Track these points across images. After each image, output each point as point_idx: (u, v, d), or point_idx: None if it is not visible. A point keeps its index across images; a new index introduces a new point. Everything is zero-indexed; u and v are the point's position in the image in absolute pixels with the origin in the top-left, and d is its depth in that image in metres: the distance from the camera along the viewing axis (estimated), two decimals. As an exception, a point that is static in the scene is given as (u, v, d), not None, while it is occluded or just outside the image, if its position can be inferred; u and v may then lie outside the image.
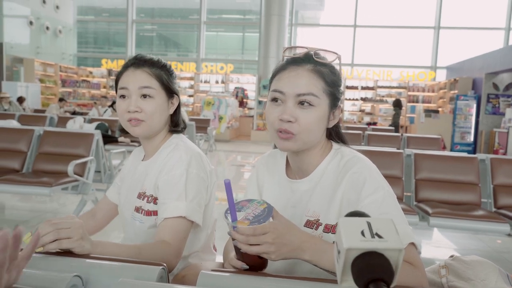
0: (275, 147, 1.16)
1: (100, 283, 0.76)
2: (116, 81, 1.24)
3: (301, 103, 0.96)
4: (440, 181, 3.27)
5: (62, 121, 6.39)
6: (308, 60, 1.00)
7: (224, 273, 0.82)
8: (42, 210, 4.29)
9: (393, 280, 0.48)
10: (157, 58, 1.25)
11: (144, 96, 1.19)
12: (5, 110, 8.74)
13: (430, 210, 2.92)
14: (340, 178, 0.98)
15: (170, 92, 1.25)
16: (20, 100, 10.08)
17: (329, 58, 1.02)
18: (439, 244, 3.87)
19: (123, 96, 1.20)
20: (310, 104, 0.96)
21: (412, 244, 0.90)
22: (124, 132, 1.30)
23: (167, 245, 1.07)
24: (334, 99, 1.01)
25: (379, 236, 0.52)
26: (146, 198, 1.22)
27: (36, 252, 0.83)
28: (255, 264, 0.87)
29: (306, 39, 16.10)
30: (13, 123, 5.29)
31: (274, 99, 0.99)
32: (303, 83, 0.96)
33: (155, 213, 1.19)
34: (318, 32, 16.57)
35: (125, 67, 1.23)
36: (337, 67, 1.03)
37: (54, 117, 6.64)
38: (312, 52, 1.00)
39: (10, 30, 13.04)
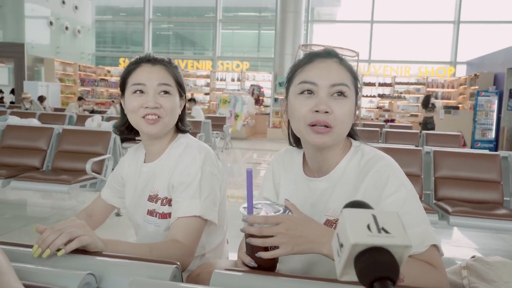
0: (290, 144, 1.14)
1: (113, 281, 0.76)
2: (125, 78, 1.20)
3: (335, 93, 0.93)
4: (461, 179, 3.19)
5: (81, 119, 6.49)
6: (334, 54, 0.98)
7: (238, 272, 0.81)
8: (61, 207, 4.37)
9: (398, 278, 0.46)
10: (168, 58, 1.24)
11: (162, 92, 1.17)
12: (27, 109, 8.94)
13: (450, 209, 2.86)
14: (362, 177, 0.95)
15: (182, 91, 1.25)
16: (41, 99, 10.29)
17: (348, 55, 1.00)
18: (459, 243, 3.78)
19: (138, 92, 1.16)
20: (343, 95, 0.94)
21: (434, 246, 0.87)
22: (123, 133, 1.26)
23: (179, 244, 1.05)
24: (357, 94, 1.00)
25: (386, 231, 0.49)
26: (159, 201, 1.20)
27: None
28: (265, 265, 0.85)
29: (322, 36, 15.97)
30: (34, 122, 5.39)
31: (305, 91, 0.94)
32: (335, 73, 0.94)
33: (170, 215, 1.17)
34: (335, 28, 16.41)
35: (137, 64, 1.19)
36: (355, 64, 1.01)
37: (73, 116, 6.76)
38: (331, 49, 0.99)
39: (31, 31, 13.34)
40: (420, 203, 0.92)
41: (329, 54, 0.98)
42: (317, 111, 0.92)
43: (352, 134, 1.05)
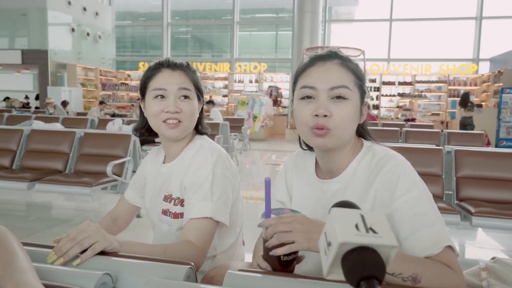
0: (301, 147, 1.14)
1: (129, 281, 0.77)
2: (146, 83, 1.23)
3: (335, 97, 0.93)
4: (484, 179, 3.11)
5: (102, 123, 6.63)
6: (335, 55, 0.98)
7: (251, 273, 0.81)
8: (84, 209, 4.47)
9: (384, 278, 0.47)
10: (187, 62, 1.26)
11: (183, 97, 1.20)
12: (51, 114, 9.19)
13: (472, 209, 2.79)
14: (373, 177, 0.95)
15: (200, 95, 1.27)
16: (64, 104, 10.55)
17: (353, 54, 0.99)
18: (483, 245, 3.69)
19: (159, 97, 1.20)
20: (343, 98, 0.93)
21: (449, 247, 0.85)
22: (143, 135, 1.30)
23: (192, 245, 1.07)
24: (363, 93, 0.98)
25: (373, 231, 0.50)
26: (173, 201, 1.23)
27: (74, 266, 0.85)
28: (282, 269, 0.85)
29: (340, 36, 15.85)
30: (58, 126, 5.53)
31: (305, 97, 0.96)
32: (335, 76, 0.94)
33: (182, 215, 1.19)
34: (353, 27, 16.27)
35: (157, 69, 1.22)
36: (362, 63, 1.00)
37: (95, 120, 6.91)
38: (336, 50, 0.99)
39: (54, 38, 13.71)
40: (434, 203, 0.90)
41: (330, 56, 0.98)
42: (317, 115, 0.93)
43: (363, 134, 1.04)
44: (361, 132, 1.04)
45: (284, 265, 0.85)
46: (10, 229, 0.80)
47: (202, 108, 1.32)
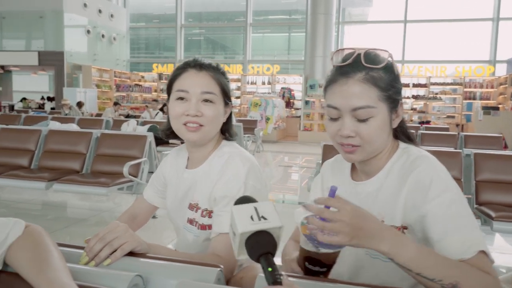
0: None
1: (160, 283, 0.77)
2: (171, 83, 1.19)
3: (359, 117, 0.92)
4: (504, 183, 3.05)
5: (117, 124, 6.69)
6: (358, 67, 0.92)
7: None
8: (100, 209, 4.51)
9: (276, 251, 0.65)
10: (216, 63, 1.20)
11: (205, 100, 1.14)
12: (66, 114, 9.31)
13: (493, 214, 2.74)
14: (405, 178, 0.93)
15: (227, 99, 1.21)
16: (79, 105, 10.69)
17: (380, 56, 0.96)
18: (503, 250, 3.62)
19: (181, 98, 1.15)
20: (368, 117, 0.92)
21: (483, 252, 0.83)
22: (168, 136, 1.25)
23: (220, 259, 1.04)
24: (393, 101, 0.95)
25: (264, 218, 0.67)
26: (200, 211, 1.19)
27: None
28: (316, 268, 0.83)
29: (353, 37, 15.75)
30: (73, 127, 5.59)
31: (330, 116, 0.96)
32: (357, 96, 0.91)
33: (209, 227, 1.15)
34: (367, 29, 16.16)
35: (183, 68, 1.17)
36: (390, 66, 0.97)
37: (109, 121, 6.97)
38: (361, 56, 0.93)
39: (70, 40, 13.91)
40: (468, 207, 0.88)
41: (352, 68, 0.92)
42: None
43: (399, 136, 1.03)
44: (397, 133, 1.02)
45: (311, 274, 0.82)
46: None
47: (231, 113, 1.25)
